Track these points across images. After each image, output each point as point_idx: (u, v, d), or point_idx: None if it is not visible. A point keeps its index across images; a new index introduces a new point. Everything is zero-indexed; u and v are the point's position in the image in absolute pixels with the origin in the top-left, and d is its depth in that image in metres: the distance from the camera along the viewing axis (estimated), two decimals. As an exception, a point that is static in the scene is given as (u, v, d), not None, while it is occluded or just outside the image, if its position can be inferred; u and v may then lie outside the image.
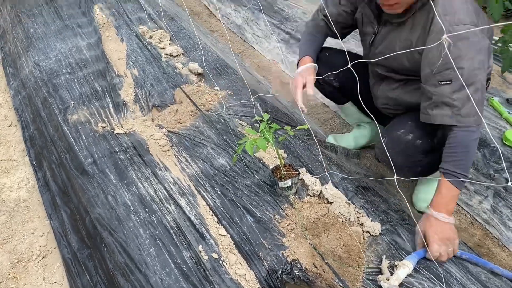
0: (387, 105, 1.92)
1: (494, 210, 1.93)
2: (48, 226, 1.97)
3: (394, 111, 1.91)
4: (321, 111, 2.73)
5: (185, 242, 1.59)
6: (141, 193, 1.78)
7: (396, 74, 1.79)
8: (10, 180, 2.23)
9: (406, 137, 1.66)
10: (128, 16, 3.15)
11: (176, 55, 2.70)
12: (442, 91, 1.47)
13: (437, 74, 1.48)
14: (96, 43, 2.83)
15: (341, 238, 1.55)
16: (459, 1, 1.48)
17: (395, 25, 1.67)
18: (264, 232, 1.61)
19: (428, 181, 2.00)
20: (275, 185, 1.74)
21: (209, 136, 2.04)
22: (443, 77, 1.47)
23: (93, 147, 2.01)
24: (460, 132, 1.48)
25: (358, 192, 1.80)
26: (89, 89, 2.41)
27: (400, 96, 1.80)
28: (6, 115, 2.69)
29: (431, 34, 1.51)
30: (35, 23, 3.10)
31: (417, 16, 1.58)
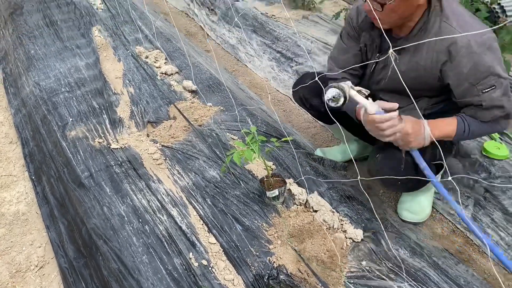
0: None
1: (475, 218, 2.02)
2: (46, 237, 2.04)
3: None
4: (311, 126, 2.83)
5: (177, 250, 1.67)
6: (135, 204, 1.86)
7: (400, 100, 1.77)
8: (10, 195, 2.31)
9: (400, 154, 1.68)
10: (125, 37, 3.28)
11: (171, 73, 2.82)
12: (490, 96, 1.56)
13: (478, 84, 1.55)
14: (94, 63, 2.95)
15: (324, 244, 1.63)
16: (467, 16, 1.58)
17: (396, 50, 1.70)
18: (252, 240, 1.69)
19: (412, 193, 2.08)
20: (263, 195, 1.83)
21: (201, 150, 2.14)
22: (485, 85, 1.55)
23: (90, 162, 2.10)
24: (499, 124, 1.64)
25: (343, 201, 1.88)
26: (87, 106, 2.51)
27: None
28: (7, 132, 2.79)
29: (459, 53, 1.54)
30: (36, 45, 3.22)
31: (421, 37, 1.61)
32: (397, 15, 1.57)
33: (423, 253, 1.72)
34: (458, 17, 1.56)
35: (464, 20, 1.56)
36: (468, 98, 1.61)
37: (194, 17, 4.55)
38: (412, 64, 1.67)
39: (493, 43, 1.52)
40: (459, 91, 1.62)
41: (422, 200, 2.08)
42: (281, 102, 3.13)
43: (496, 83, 1.54)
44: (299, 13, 3.89)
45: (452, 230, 2.05)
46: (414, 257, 1.67)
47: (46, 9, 3.72)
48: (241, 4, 4.07)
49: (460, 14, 1.58)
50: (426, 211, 2.08)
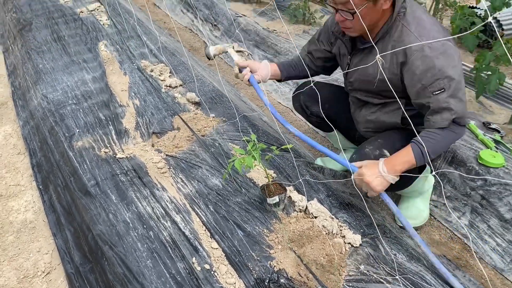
0: (368, 129, 2.08)
1: (472, 225, 2.06)
2: (52, 244, 2.10)
3: (375, 134, 2.07)
4: (311, 137, 2.88)
5: (180, 254, 1.72)
6: (139, 211, 1.91)
7: (374, 98, 1.95)
8: (18, 204, 2.38)
9: (374, 153, 1.78)
10: (131, 52, 3.37)
11: (175, 86, 2.90)
12: (438, 99, 1.63)
13: (429, 86, 1.63)
14: (100, 77, 3.03)
15: (323, 249, 1.68)
16: (428, 23, 1.67)
17: (365, 52, 1.85)
18: (253, 245, 1.73)
19: (409, 198, 2.13)
20: (264, 202, 1.88)
21: (204, 159, 2.20)
22: (435, 87, 1.62)
23: (96, 171, 2.16)
24: (452, 130, 1.67)
25: (342, 208, 1.93)
26: (94, 118, 2.59)
27: (379, 117, 1.96)
28: (15, 144, 2.86)
29: (412, 55, 1.64)
30: (44, 59, 3.32)
31: (385, 41, 1.74)
32: (366, 22, 1.65)
33: (421, 258, 1.76)
34: (418, 23, 1.66)
35: (423, 25, 1.65)
36: (421, 99, 1.69)
37: (198, 33, 4.66)
38: (377, 67, 1.76)
39: (448, 49, 1.60)
40: (413, 92, 1.71)
41: (419, 204, 2.13)
42: (282, 113, 3.20)
43: (445, 86, 1.60)
44: (300, 27, 3.99)
45: (450, 237, 2.09)
46: (412, 262, 1.71)
47: (54, 25, 3.83)
48: (243, 20, 4.18)
49: (421, 20, 1.67)
50: (423, 215, 2.14)
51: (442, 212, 2.18)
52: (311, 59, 2.19)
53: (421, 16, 1.69)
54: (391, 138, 1.88)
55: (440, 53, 1.59)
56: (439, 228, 2.13)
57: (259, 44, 3.79)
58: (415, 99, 1.72)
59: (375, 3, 1.63)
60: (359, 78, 1.90)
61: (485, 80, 2.37)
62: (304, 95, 2.22)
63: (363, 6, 1.62)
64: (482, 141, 2.29)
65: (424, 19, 1.68)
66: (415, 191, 2.06)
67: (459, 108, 1.62)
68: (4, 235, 2.17)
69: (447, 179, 2.21)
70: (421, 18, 1.68)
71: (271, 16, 4.21)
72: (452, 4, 2.80)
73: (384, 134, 1.90)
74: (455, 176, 2.17)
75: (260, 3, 4.65)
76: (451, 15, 3.95)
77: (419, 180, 1.97)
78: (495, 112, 2.55)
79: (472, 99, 2.67)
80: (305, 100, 2.22)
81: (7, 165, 2.66)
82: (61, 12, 4.09)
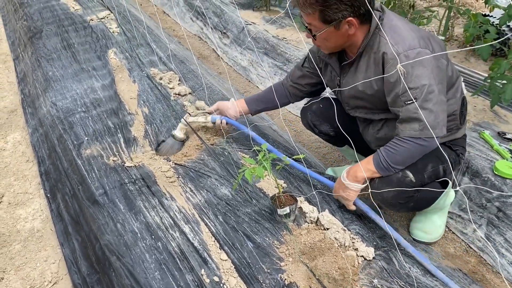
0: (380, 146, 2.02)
1: (488, 238, 2.00)
2: (60, 254, 2.07)
3: None
4: (321, 146, 2.85)
5: (188, 266, 1.68)
6: (148, 221, 1.88)
7: (374, 115, 1.89)
8: (26, 212, 2.36)
9: (397, 175, 1.73)
10: (140, 59, 3.37)
11: (184, 94, 2.88)
12: (408, 108, 1.61)
13: (401, 95, 1.62)
14: (109, 84, 3.02)
15: (336, 262, 1.63)
16: (404, 31, 1.64)
17: (352, 70, 1.83)
18: (263, 257, 1.69)
19: (426, 212, 2.07)
20: (274, 213, 1.84)
21: (213, 168, 2.17)
22: (407, 97, 1.59)
23: (104, 179, 2.14)
24: (416, 142, 1.64)
25: (354, 219, 1.89)
26: (102, 126, 2.57)
27: (388, 134, 1.88)
28: (24, 151, 2.85)
29: (388, 64, 1.64)
30: (54, 67, 3.32)
31: (367, 54, 1.73)
32: (331, 43, 1.74)
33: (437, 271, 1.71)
34: (394, 31, 1.64)
35: (399, 33, 1.63)
36: (394, 108, 1.69)
37: (207, 40, 4.65)
38: (366, 82, 1.76)
39: (423, 58, 1.57)
40: (390, 100, 1.70)
41: (436, 220, 2.07)
42: (292, 122, 3.17)
43: (417, 96, 1.58)
44: (310, 35, 3.96)
45: (465, 250, 2.03)
46: (427, 276, 1.66)
47: (64, 33, 3.85)
48: (252, 28, 4.17)
49: (397, 28, 1.65)
50: (439, 231, 2.08)
51: (457, 224, 2.12)
52: (296, 87, 2.19)
53: (397, 24, 1.67)
54: None
55: (415, 63, 1.57)
56: (454, 241, 2.08)
57: (269, 52, 3.77)
58: (391, 107, 1.72)
59: (337, 29, 1.66)
60: (353, 96, 1.89)
61: (500, 89, 2.32)
62: (312, 113, 2.19)
63: (323, 30, 1.67)
64: (497, 152, 2.23)
65: (400, 27, 1.66)
66: (436, 207, 2.01)
67: (429, 119, 1.58)
68: (11, 244, 2.15)
69: (463, 189, 2.16)
70: (397, 26, 1.66)
71: (281, 24, 4.19)
72: (465, 12, 2.76)
73: None
74: (470, 188, 2.12)
75: (270, 11, 4.64)
76: (463, 23, 3.91)
77: (442, 197, 1.91)
78: (510, 122, 2.49)
79: (486, 108, 2.61)
80: (312, 119, 2.20)
81: (15, 173, 2.65)
82: (71, 20, 4.10)
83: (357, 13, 1.62)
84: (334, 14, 1.60)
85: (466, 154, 2.21)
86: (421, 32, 1.68)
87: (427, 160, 1.77)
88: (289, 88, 2.21)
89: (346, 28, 1.66)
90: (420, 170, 1.77)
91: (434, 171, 1.81)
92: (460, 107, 1.84)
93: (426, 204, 1.94)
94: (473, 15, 2.71)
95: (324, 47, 1.80)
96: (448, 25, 3.28)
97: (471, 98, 2.73)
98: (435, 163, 1.81)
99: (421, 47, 1.59)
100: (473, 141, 2.34)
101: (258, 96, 2.31)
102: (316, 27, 1.69)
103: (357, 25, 1.66)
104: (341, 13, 1.60)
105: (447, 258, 1.96)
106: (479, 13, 2.93)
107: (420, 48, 1.58)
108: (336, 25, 1.64)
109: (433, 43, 1.67)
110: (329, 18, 1.62)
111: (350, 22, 1.63)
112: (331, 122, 2.13)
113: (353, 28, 1.66)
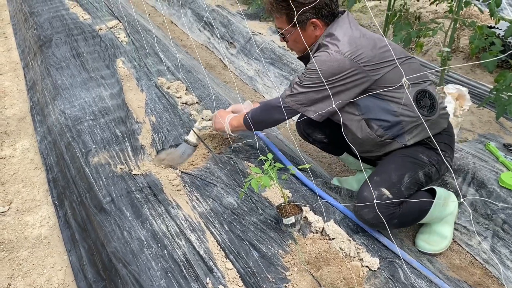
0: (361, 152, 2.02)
1: (493, 250, 2.00)
2: (66, 261, 2.09)
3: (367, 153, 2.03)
4: (327, 156, 2.86)
5: (194, 274, 1.69)
6: (154, 229, 1.90)
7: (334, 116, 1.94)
8: (33, 219, 2.38)
9: (372, 196, 1.71)
10: (148, 69, 3.41)
11: (191, 103, 2.91)
12: (294, 79, 1.89)
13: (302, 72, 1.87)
14: (118, 93, 3.06)
15: (341, 272, 1.64)
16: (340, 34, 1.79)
17: None
18: (269, 266, 1.70)
19: (430, 223, 2.07)
20: (280, 222, 1.85)
21: (219, 177, 2.18)
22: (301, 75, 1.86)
23: (111, 187, 2.16)
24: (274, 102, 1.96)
25: (359, 229, 1.89)
26: (110, 134, 2.60)
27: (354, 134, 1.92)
28: (32, 158, 2.89)
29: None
30: (63, 75, 3.37)
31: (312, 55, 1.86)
32: (301, 44, 1.93)
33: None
34: (332, 35, 1.80)
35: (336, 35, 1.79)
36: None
37: (214, 50, 4.70)
38: None
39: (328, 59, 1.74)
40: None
41: (440, 231, 2.07)
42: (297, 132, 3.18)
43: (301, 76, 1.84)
44: (316, 46, 3.99)
45: (470, 261, 2.03)
46: (432, 287, 1.66)
47: (73, 42, 3.90)
48: (259, 38, 4.21)
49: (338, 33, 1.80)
50: (444, 242, 2.07)
51: (463, 236, 2.12)
52: None
53: (342, 28, 1.81)
54: (387, 171, 1.85)
55: (319, 60, 1.76)
56: (459, 252, 2.08)
57: (275, 62, 3.80)
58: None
59: (304, 30, 1.86)
60: None
61: (505, 101, 2.33)
62: (303, 123, 2.25)
63: (291, 33, 1.90)
64: (503, 163, 2.24)
65: (340, 31, 1.80)
66: (436, 218, 2.01)
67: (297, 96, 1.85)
68: (19, 250, 2.17)
69: (468, 201, 2.16)
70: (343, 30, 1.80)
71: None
72: (471, 24, 2.77)
73: (379, 168, 1.90)
74: (475, 199, 2.12)
75: (276, 22, 4.68)
76: (469, 34, 3.92)
77: (435, 208, 1.91)
78: (516, 134, 2.50)
79: (492, 120, 2.62)
80: (304, 128, 2.29)
81: (23, 180, 2.69)
82: (80, 29, 4.16)
83: (319, 14, 1.82)
84: (299, 16, 1.77)
85: (472, 165, 2.22)
86: (361, 41, 1.77)
87: (402, 170, 1.79)
88: None
89: (312, 29, 1.87)
90: (396, 183, 1.78)
91: (412, 180, 1.81)
92: (415, 99, 1.82)
93: (415, 218, 1.93)
94: (479, 27, 2.72)
95: (296, 49, 2.01)
96: (454, 36, 3.29)
97: (476, 109, 2.74)
98: (412, 171, 1.82)
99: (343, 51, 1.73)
100: (479, 152, 2.34)
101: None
102: (286, 31, 1.90)
103: (321, 26, 1.86)
104: (305, 15, 1.80)
105: (452, 270, 1.96)
106: (484, 25, 2.94)
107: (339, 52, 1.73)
108: (302, 26, 1.84)
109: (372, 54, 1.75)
110: (293, 20, 1.77)
111: (315, 23, 1.84)
112: (323, 129, 2.22)
113: (318, 29, 1.86)
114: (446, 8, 4.40)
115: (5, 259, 2.12)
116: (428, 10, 4.87)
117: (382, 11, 5.00)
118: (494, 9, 2.76)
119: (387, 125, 1.84)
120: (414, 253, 1.96)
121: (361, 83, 1.77)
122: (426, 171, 1.85)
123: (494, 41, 2.60)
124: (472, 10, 4.52)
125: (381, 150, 1.95)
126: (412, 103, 1.77)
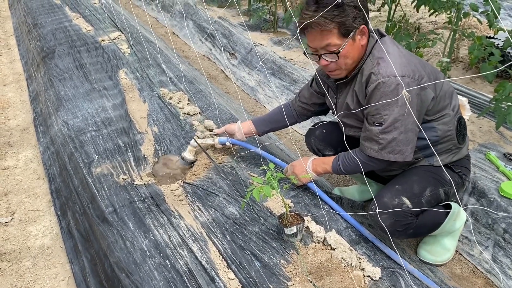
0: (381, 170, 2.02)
1: (495, 260, 2.00)
2: (69, 271, 2.10)
3: (389, 172, 2.03)
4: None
5: (196, 285, 1.70)
6: (156, 239, 1.91)
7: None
8: (36, 229, 2.39)
9: (392, 202, 1.74)
10: (151, 80, 3.44)
11: (193, 114, 2.93)
12: (372, 130, 1.72)
13: (372, 116, 1.71)
14: (120, 104, 3.09)
15: (343, 282, 1.64)
16: (393, 57, 1.68)
17: (346, 90, 1.89)
18: (271, 276, 1.71)
19: (435, 235, 2.07)
20: (282, 232, 1.86)
21: (221, 187, 2.20)
22: (375, 119, 1.70)
23: (114, 197, 2.17)
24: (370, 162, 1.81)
25: (361, 239, 1.90)
26: (113, 144, 2.62)
27: None
28: (35, 169, 2.91)
29: (370, 85, 1.71)
30: (66, 86, 3.40)
31: (361, 74, 1.79)
32: (350, 59, 1.75)
33: (443, 293, 1.72)
34: (381, 57, 1.70)
35: (384, 59, 1.68)
36: (366, 122, 1.78)
37: (216, 61, 4.74)
38: (354, 100, 1.84)
39: (400, 88, 1.61)
40: (366, 111, 1.76)
41: (445, 243, 2.06)
42: (299, 142, 3.20)
43: (383, 121, 1.68)
44: (317, 57, 4.02)
45: (472, 271, 2.03)
46: (433, 297, 1.66)
47: (76, 53, 3.94)
48: (260, 49, 4.24)
49: (390, 53, 1.69)
50: (447, 254, 2.06)
51: (464, 246, 2.13)
52: (304, 107, 2.24)
53: (387, 49, 1.70)
54: (409, 181, 1.84)
55: (390, 91, 1.64)
56: (461, 262, 2.08)
57: (276, 73, 3.83)
58: (365, 116, 1.80)
59: (353, 39, 1.70)
60: (345, 115, 1.92)
61: (505, 110, 2.35)
62: (315, 139, 2.26)
63: (344, 44, 1.69)
64: (503, 173, 2.25)
65: (390, 52, 1.70)
66: (445, 231, 2.01)
67: (390, 144, 1.70)
68: (21, 261, 2.18)
69: (469, 211, 2.17)
70: (387, 51, 1.69)
71: (288, 45, 4.27)
72: (470, 35, 2.80)
73: (401, 177, 1.88)
74: (476, 208, 2.13)
75: (277, 33, 4.73)
76: (468, 44, 3.96)
77: (448, 222, 1.91)
78: (516, 143, 2.52)
79: (492, 129, 2.64)
80: (316, 144, 2.27)
81: (26, 190, 2.70)
82: (83, 41, 4.21)
83: (365, 19, 1.68)
84: (352, 22, 1.65)
85: (472, 175, 2.23)
86: (413, 60, 1.73)
87: (425, 183, 1.80)
88: (297, 108, 2.26)
89: (359, 38, 1.72)
90: (418, 195, 1.79)
91: (433, 195, 1.82)
92: (456, 127, 1.85)
93: (428, 230, 1.94)
94: (478, 37, 2.75)
95: (344, 67, 1.78)
96: (453, 47, 3.33)
97: (476, 119, 2.76)
98: (434, 187, 1.82)
99: (405, 75, 1.64)
100: (479, 162, 2.36)
101: (266, 117, 2.35)
102: (336, 45, 1.69)
103: (366, 33, 1.73)
104: (357, 20, 1.66)
105: (454, 279, 1.96)
106: (483, 35, 2.98)
107: (403, 77, 1.63)
108: (352, 36, 1.68)
109: (425, 71, 1.72)
110: (347, 29, 1.66)
111: (363, 30, 1.70)
112: (335, 146, 2.20)
113: (364, 37, 1.73)
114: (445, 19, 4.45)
115: (8, 269, 2.13)
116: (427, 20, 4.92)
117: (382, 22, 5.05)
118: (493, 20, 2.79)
119: (424, 144, 1.82)
120: (416, 262, 1.97)
121: (425, 100, 1.74)
122: (446, 190, 1.86)
123: (493, 51, 2.63)
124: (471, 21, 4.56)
125: (405, 168, 1.95)
126: (454, 129, 1.82)
